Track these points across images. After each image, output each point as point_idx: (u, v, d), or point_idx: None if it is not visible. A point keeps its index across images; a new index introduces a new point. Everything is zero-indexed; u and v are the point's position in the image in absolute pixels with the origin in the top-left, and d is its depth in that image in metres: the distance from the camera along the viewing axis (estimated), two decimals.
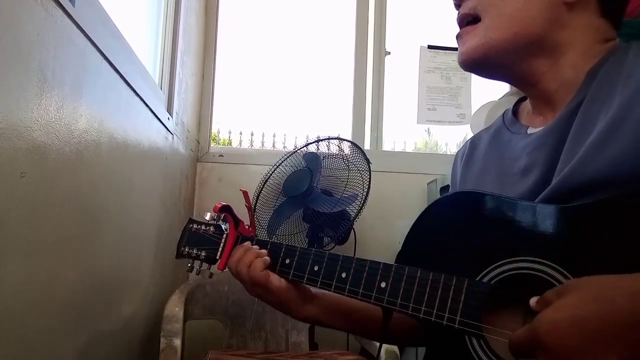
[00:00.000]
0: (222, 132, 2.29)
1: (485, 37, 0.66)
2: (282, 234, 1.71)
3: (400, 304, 0.62)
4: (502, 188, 0.68)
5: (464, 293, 0.58)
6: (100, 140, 0.90)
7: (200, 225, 0.85)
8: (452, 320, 0.58)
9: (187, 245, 0.84)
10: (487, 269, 0.58)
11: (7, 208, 0.60)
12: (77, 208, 0.81)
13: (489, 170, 0.74)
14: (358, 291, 0.66)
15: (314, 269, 0.72)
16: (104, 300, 0.98)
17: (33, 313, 0.69)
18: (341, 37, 2.20)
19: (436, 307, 0.59)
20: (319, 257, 0.73)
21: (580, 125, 0.60)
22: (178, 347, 1.22)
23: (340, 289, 0.68)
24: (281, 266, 0.75)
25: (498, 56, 0.66)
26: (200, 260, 0.83)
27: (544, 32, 0.64)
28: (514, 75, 0.70)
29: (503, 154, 0.72)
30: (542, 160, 0.63)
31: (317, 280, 0.71)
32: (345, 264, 0.69)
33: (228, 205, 0.82)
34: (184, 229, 0.86)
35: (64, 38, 0.73)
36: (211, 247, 0.82)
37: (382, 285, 0.65)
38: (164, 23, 1.53)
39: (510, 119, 0.76)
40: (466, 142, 0.85)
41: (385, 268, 0.65)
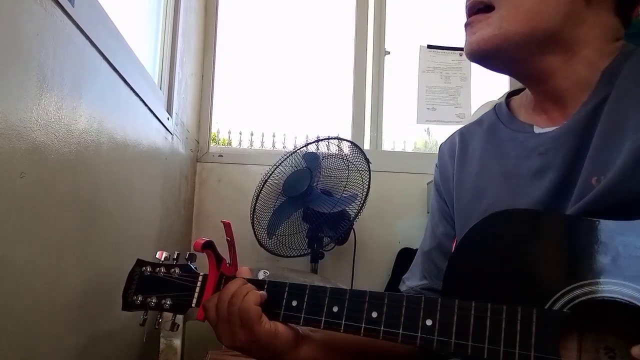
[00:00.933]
0: (222, 132, 2.29)
1: (500, 28, 0.62)
2: (282, 234, 1.71)
3: (456, 343, 0.52)
4: (508, 190, 0.66)
5: (535, 324, 0.49)
6: (100, 141, 0.89)
7: (158, 268, 0.70)
8: (526, 357, 0.49)
9: (140, 293, 0.70)
10: (555, 296, 0.51)
11: (7, 208, 0.60)
12: (76, 208, 0.81)
13: (488, 170, 0.71)
14: (397, 332, 0.55)
15: (333, 310, 0.60)
16: (104, 300, 0.98)
17: (33, 313, 0.69)
18: (341, 36, 2.20)
19: (502, 345, 0.50)
20: (338, 294, 0.61)
21: (607, 127, 0.58)
22: (178, 347, 1.22)
23: (373, 331, 0.57)
24: (286, 310, 0.63)
25: (511, 49, 0.63)
26: (160, 310, 0.69)
27: (561, 27, 0.62)
28: (523, 71, 0.67)
29: (506, 153, 0.69)
30: (560, 162, 0.61)
31: (340, 324, 0.59)
32: (375, 301, 0.58)
33: (211, 241, 0.68)
34: (132, 272, 0.71)
35: (64, 38, 0.73)
36: (181, 292, 0.68)
37: (427, 324, 0.54)
38: (164, 23, 1.53)
39: (506, 115, 0.73)
40: (452, 135, 0.81)
41: (429, 302, 0.55)
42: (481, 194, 0.69)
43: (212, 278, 0.68)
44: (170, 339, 1.23)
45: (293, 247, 1.70)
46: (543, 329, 0.49)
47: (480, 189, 0.70)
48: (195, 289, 0.68)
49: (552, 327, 0.49)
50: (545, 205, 0.60)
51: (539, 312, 0.50)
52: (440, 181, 0.81)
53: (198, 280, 0.68)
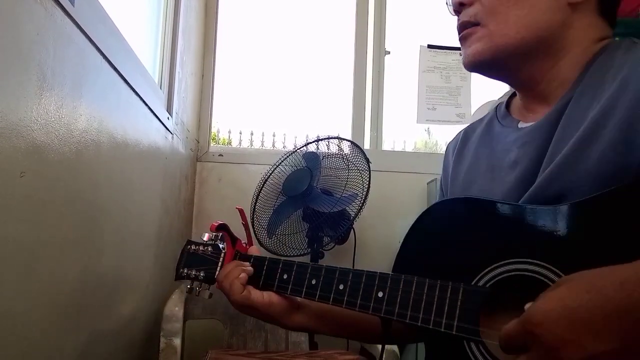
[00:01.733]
0: (222, 131, 2.29)
1: (491, 42, 0.66)
2: (282, 234, 1.71)
3: (398, 312, 0.63)
4: (491, 181, 0.69)
5: (460, 298, 0.58)
6: (100, 140, 0.89)
7: (198, 246, 0.86)
8: (450, 326, 0.58)
9: (185, 266, 0.85)
10: (482, 273, 0.58)
11: (7, 208, 0.60)
12: (76, 208, 0.81)
13: (479, 163, 0.74)
14: (356, 302, 0.67)
15: (312, 283, 0.73)
16: (104, 300, 0.98)
17: (33, 313, 0.69)
18: (341, 36, 2.20)
19: (434, 313, 0.59)
20: (316, 270, 0.73)
21: (567, 121, 0.61)
22: (178, 347, 1.22)
23: (338, 301, 0.69)
24: (279, 282, 0.76)
25: (503, 59, 0.67)
26: (199, 281, 0.84)
27: (550, 34, 0.64)
28: (516, 78, 0.70)
29: (494, 147, 0.73)
30: (530, 155, 0.64)
31: (315, 294, 0.72)
32: (342, 276, 0.70)
33: (224, 223, 0.84)
34: (182, 250, 0.87)
35: (64, 38, 0.73)
36: (209, 266, 0.83)
37: (379, 295, 0.65)
38: (164, 22, 1.53)
39: (503, 112, 0.76)
40: (459, 133, 0.85)
41: (382, 278, 0.66)
42: (469, 187, 0.74)
43: (229, 255, 0.84)
44: (170, 339, 1.23)
45: (293, 246, 1.70)
46: (467, 301, 0.58)
47: (469, 182, 0.74)
48: (218, 263, 0.83)
49: (475, 300, 0.57)
50: (513, 195, 0.64)
51: (464, 287, 0.58)
52: (443, 177, 0.86)
53: (220, 256, 0.83)
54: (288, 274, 0.76)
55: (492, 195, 0.66)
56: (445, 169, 0.85)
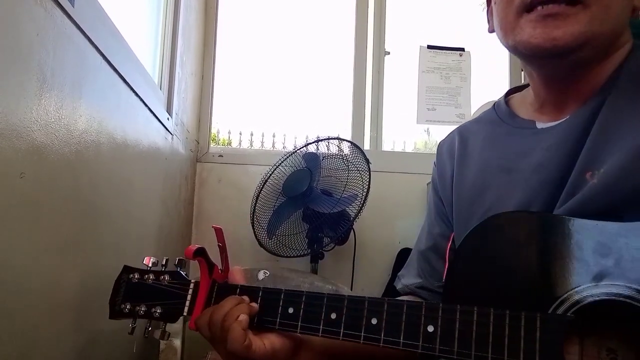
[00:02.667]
0: (222, 132, 2.29)
1: (590, 25, 0.58)
2: (282, 235, 1.71)
3: (459, 352, 0.50)
4: (511, 186, 0.65)
5: (539, 329, 0.48)
6: (100, 141, 0.89)
7: (147, 275, 0.69)
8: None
9: (127, 301, 0.68)
10: (558, 300, 0.50)
11: (7, 208, 0.60)
12: (76, 208, 0.81)
13: (489, 166, 0.70)
14: (398, 341, 0.53)
15: (331, 318, 0.58)
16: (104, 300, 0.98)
17: (33, 313, 0.69)
18: (341, 37, 2.20)
19: (507, 351, 0.48)
20: (335, 301, 0.58)
21: (604, 124, 0.58)
22: (178, 347, 1.22)
23: (373, 339, 0.55)
24: (283, 317, 0.61)
25: (589, 49, 0.60)
26: (149, 319, 0.67)
27: (621, 32, 0.62)
28: (570, 74, 0.64)
29: (506, 149, 0.69)
30: (560, 157, 0.61)
31: (339, 332, 0.57)
32: (374, 308, 0.56)
33: (202, 247, 0.66)
34: (118, 280, 0.70)
35: (64, 38, 0.73)
36: (172, 300, 0.66)
37: (429, 330, 0.52)
38: (164, 22, 1.53)
39: (507, 112, 0.73)
40: (451, 133, 0.81)
41: (430, 308, 0.53)
42: (483, 191, 0.69)
43: (204, 286, 0.66)
44: (170, 339, 1.23)
45: (293, 247, 1.70)
46: (547, 334, 0.48)
47: (482, 187, 0.70)
48: (187, 297, 0.66)
49: (556, 332, 0.47)
50: (537, 199, 0.60)
51: (542, 317, 0.48)
52: (437, 180, 0.81)
53: (189, 288, 0.67)
54: (295, 307, 0.60)
55: (511, 199, 0.62)
56: (440, 171, 0.80)
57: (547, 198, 0.59)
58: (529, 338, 0.48)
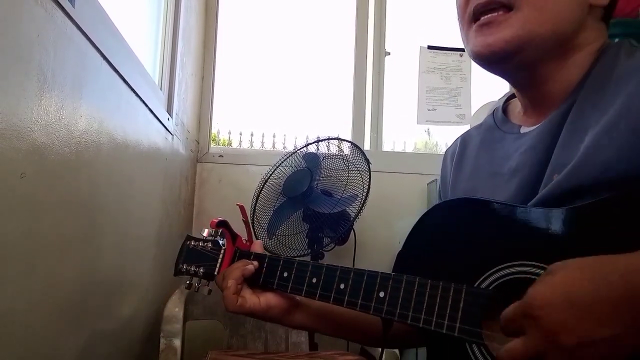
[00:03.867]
0: (222, 132, 2.29)
1: (524, 28, 0.60)
2: (282, 235, 1.71)
3: (399, 313, 0.61)
4: (493, 188, 0.68)
5: (463, 300, 0.57)
6: (100, 141, 0.90)
7: (198, 242, 0.84)
8: (452, 328, 0.57)
9: (185, 262, 0.84)
10: (484, 275, 0.58)
11: (7, 208, 0.60)
12: (77, 208, 0.81)
13: (480, 171, 0.73)
14: (357, 302, 0.66)
15: (312, 282, 0.72)
16: (104, 300, 0.98)
17: (33, 313, 0.69)
18: (341, 37, 2.20)
19: (435, 315, 0.58)
20: (317, 269, 0.72)
21: (570, 126, 0.60)
22: (178, 348, 1.22)
23: (339, 300, 0.68)
24: (279, 279, 0.75)
25: (529, 52, 0.62)
26: (198, 277, 0.83)
27: (572, 32, 0.62)
28: (525, 76, 0.67)
29: (494, 154, 0.72)
30: (533, 161, 0.63)
31: (316, 293, 0.71)
32: (343, 275, 0.69)
33: (225, 220, 0.82)
34: (182, 246, 0.86)
35: (64, 39, 0.73)
36: (209, 263, 0.82)
37: (380, 295, 0.64)
38: (164, 23, 1.53)
39: (501, 118, 0.75)
40: (456, 140, 0.84)
41: (384, 277, 0.64)
42: (472, 194, 0.72)
43: (229, 252, 0.82)
44: (170, 339, 1.23)
45: (293, 247, 1.70)
46: (469, 303, 0.57)
47: (472, 190, 0.73)
48: (218, 260, 0.82)
49: (477, 303, 0.56)
50: (515, 202, 0.62)
51: (467, 289, 0.58)
52: (441, 185, 0.85)
53: (220, 253, 0.82)
54: (288, 271, 0.74)
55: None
56: (443, 176, 0.84)
57: (521, 200, 0.61)
58: (454, 305, 0.58)
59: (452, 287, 0.58)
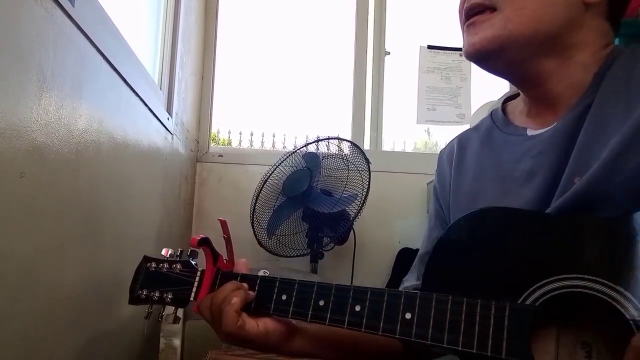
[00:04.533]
0: (222, 132, 2.29)
1: (505, 28, 0.62)
2: (282, 234, 1.71)
3: (432, 336, 0.54)
4: (502, 193, 0.66)
5: (507, 318, 0.51)
6: (100, 140, 0.90)
7: (162, 264, 0.74)
8: (498, 349, 0.51)
9: (144, 287, 0.73)
10: (528, 290, 0.53)
11: (7, 208, 0.60)
12: (76, 208, 0.81)
13: (484, 174, 0.72)
14: (378, 326, 0.58)
15: (319, 304, 0.62)
16: (104, 300, 0.98)
17: (33, 313, 0.69)
18: (341, 37, 2.20)
19: (476, 337, 0.52)
20: (324, 289, 0.63)
21: (591, 128, 0.59)
22: (178, 347, 1.22)
23: (356, 324, 0.59)
24: (276, 303, 0.65)
25: (513, 50, 0.63)
26: (164, 304, 0.72)
27: (562, 31, 0.62)
28: (520, 73, 0.67)
29: (500, 157, 0.70)
30: (549, 164, 0.62)
31: (326, 317, 0.61)
32: (358, 295, 0.60)
33: (207, 237, 0.71)
34: (138, 268, 0.76)
35: (64, 38, 0.73)
36: (181, 287, 0.71)
37: (407, 317, 0.56)
38: (164, 23, 1.53)
39: (502, 119, 0.74)
40: (452, 141, 0.82)
41: (409, 297, 0.57)
42: (477, 198, 0.70)
43: (208, 273, 0.71)
44: (170, 339, 1.23)
45: (293, 247, 1.70)
46: (515, 322, 0.51)
47: (476, 193, 0.71)
48: (194, 284, 0.71)
49: (524, 321, 0.51)
50: (533, 207, 0.61)
51: (511, 306, 0.52)
52: (438, 187, 0.82)
53: (196, 276, 0.72)
54: (287, 294, 0.65)
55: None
56: (441, 179, 0.81)
57: (539, 205, 0.60)
58: (498, 326, 0.51)
59: (493, 304, 0.52)
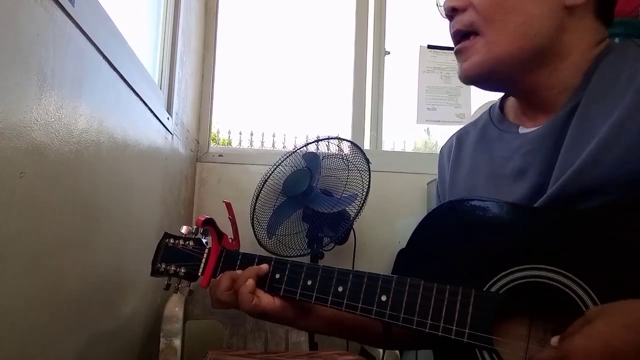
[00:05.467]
0: (222, 132, 2.29)
1: (490, 52, 0.63)
2: (282, 234, 1.71)
3: (404, 318, 0.59)
4: (495, 189, 0.67)
5: (472, 304, 0.55)
6: (100, 140, 0.89)
7: (178, 240, 0.80)
8: (461, 333, 0.55)
9: (163, 261, 0.79)
10: (494, 279, 0.55)
11: (7, 208, 0.60)
12: (76, 208, 0.81)
13: (478, 170, 0.72)
14: (357, 306, 0.63)
15: (307, 284, 0.68)
16: (104, 300, 0.98)
17: (33, 313, 0.69)
18: (341, 36, 2.20)
19: (443, 319, 0.56)
20: (312, 270, 0.68)
21: (577, 128, 0.59)
22: (178, 347, 1.22)
23: (337, 304, 0.65)
24: (271, 281, 0.71)
25: (503, 70, 0.64)
26: (178, 277, 0.78)
27: (547, 41, 0.62)
28: (516, 87, 0.68)
29: (492, 153, 0.71)
30: (538, 163, 0.62)
31: (312, 296, 0.67)
32: (342, 277, 0.65)
33: (211, 218, 0.77)
34: (159, 244, 0.80)
35: (64, 38, 0.73)
36: (192, 262, 0.77)
37: (382, 299, 0.61)
38: (164, 23, 1.53)
39: (498, 115, 0.74)
40: (451, 137, 0.83)
41: (386, 280, 0.61)
42: (471, 193, 0.71)
43: (214, 251, 0.77)
44: (170, 339, 1.23)
45: (293, 247, 1.70)
46: (479, 308, 0.55)
47: (470, 189, 0.72)
48: (202, 260, 0.77)
49: (488, 307, 0.54)
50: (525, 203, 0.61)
51: (476, 293, 0.55)
52: (439, 182, 0.83)
53: (204, 252, 0.77)
54: (281, 273, 0.70)
55: None
56: (441, 174, 0.83)
57: (529, 203, 0.60)
58: (463, 311, 0.55)
59: (460, 291, 0.56)
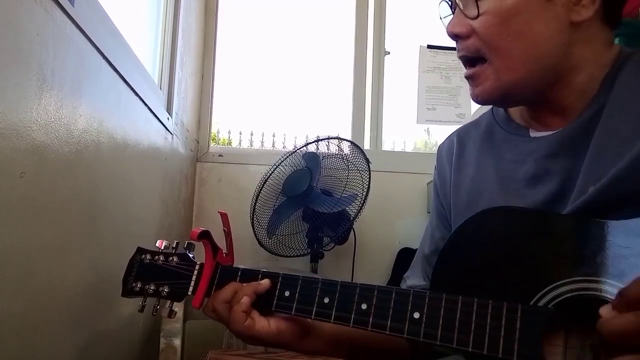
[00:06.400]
0: (222, 132, 2.29)
1: (500, 79, 0.63)
2: (282, 234, 1.71)
3: (442, 336, 0.53)
4: (504, 194, 0.66)
5: (519, 320, 0.50)
6: (100, 140, 0.89)
7: (157, 256, 0.72)
8: (509, 351, 0.50)
9: (139, 280, 0.71)
10: (540, 292, 0.52)
11: (7, 208, 0.60)
12: (76, 208, 0.81)
13: (485, 173, 0.71)
14: (385, 324, 0.56)
15: (324, 301, 0.60)
16: (104, 300, 0.98)
17: (33, 313, 0.69)
18: (341, 36, 2.20)
19: (487, 338, 0.51)
20: (329, 286, 0.61)
21: (603, 137, 0.58)
22: (178, 347, 1.22)
23: (362, 322, 0.58)
24: (279, 299, 0.64)
25: (516, 93, 0.64)
26: (159, 298, 0.70)
27: (558, 59, 0.62)
28: (533, 102, 0.67)
29: (501, 155, 0.70)
30: (558, 169, 0.61)
31: (330, 314, 0.60)
32: (365, 293, 0.59)
33: (207, 230, 0.69)
34: (131, 260, 0.73)
35: (64, 38, 0.73)
36: (178, 280, 0.69)
37: (415, 316, 0.55)
38: (164, 23, 1.53)
39: (503, 117, 0.73)
40: (451, 136, 0.81)
41: (418, 296, 0.56)
42: (478, 197, 0.70)
43: (208, 267, 0.69)
44: (170, 339, 1.23)
45: (293, 246, 1.70)
46: (527, 324, 0.50)
47: (477, 192, 0.70)
48: (192, 278, 0.69)
49: (536, 323, 0.50)
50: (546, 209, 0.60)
51: (524, 308, 0.51)
52: (438, 184, 0.81)
53: (195, 269, 0.69)
54: (291, 290, 0.63)
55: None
56: (440, 175, 0.80)
57: (557, 208, 0.59)
58: (509, 327, 0.50)
59: (505, 306, 0.51)
